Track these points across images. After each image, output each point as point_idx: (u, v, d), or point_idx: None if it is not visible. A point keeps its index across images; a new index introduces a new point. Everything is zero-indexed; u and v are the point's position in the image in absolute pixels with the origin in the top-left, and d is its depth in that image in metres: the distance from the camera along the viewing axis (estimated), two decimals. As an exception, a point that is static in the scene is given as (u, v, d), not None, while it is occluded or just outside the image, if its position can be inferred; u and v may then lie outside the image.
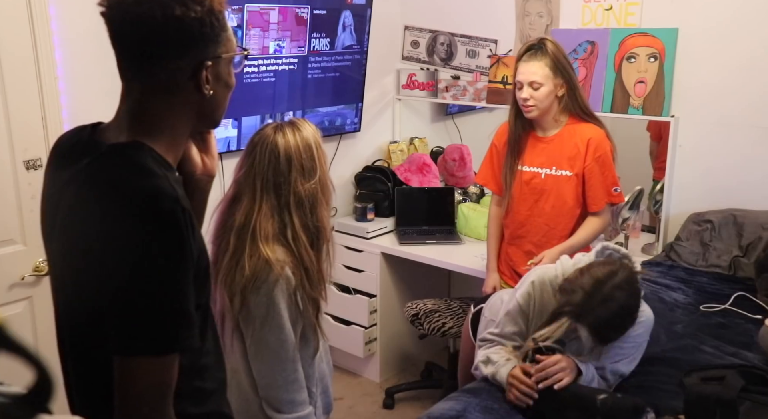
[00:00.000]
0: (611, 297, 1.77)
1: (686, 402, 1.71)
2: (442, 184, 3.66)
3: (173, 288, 1.01)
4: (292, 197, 1.65)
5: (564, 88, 2.37)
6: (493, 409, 1.80)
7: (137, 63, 1.07)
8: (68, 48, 2.39)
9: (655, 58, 2.88)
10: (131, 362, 1.00)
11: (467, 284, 3.57)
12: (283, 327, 1.63)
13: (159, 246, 0.99)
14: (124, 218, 1.00)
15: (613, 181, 2.44)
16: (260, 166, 1.67)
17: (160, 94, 1.08)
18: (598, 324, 1.78)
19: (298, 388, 1.66)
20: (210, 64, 1.08)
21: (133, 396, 1.01)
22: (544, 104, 2.37)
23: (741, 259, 2.65)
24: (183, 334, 1.02)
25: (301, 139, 1.68)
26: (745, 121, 2.77)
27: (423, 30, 3.69)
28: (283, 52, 3.07)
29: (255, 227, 1.64)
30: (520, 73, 2.37)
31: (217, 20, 1.06)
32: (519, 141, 2.48)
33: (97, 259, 1.00)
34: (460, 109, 4.05)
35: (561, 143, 2.43)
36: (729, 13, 2.74)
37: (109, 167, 1.06)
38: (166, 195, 1.01)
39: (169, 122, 1.11)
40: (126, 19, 1.03)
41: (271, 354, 1.64)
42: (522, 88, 2.37)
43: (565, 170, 2.43)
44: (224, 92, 1.16)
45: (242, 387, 1.69)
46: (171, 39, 1.03)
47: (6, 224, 2.29)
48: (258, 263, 1.61)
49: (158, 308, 1.00)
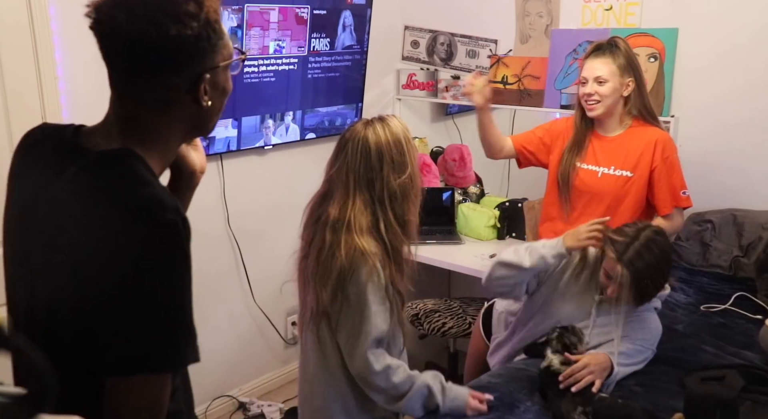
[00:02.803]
0: (653, 241, 1.88)
1: (686, 402, 1.71)
2: (442, 184, 3.66)
3: (180, 302, 0.96)
4: (385, 191, 1.70)
5: (631, 88, 2.34)
6: (493, 407, 1.80)
7: (131, 78, 1.02)
8: (68, 48, 2.39)
9: (655, 58, 2.88)
10: (131, 381, 0.94)
11: (467, 284, 3.57)
12: (371, 317, 1.67)
13: (163, 258, 0.94)
14: (125, 228, 0.94)
15: (681, 184, 2.38)
16: (352, 162, 1.71)
17: (156, 108, 1.04)
18: (640, 265, 1.84)
19: (392, 374, 1.71)
20: (208, 77, 1.04)
21: (127, 416, 0.95)
22: (608, 101, 2.33)
23: (741, 259, 2.65)
24: (190, 349, 0.98)
25: (390, 134, 1.71)
26: (745, 121, 2.77)
27: (423, 30, 3.69)
28: (283, 52, 3.07)
29: (350, 221, 1.68)
30: (586, 70, 2.35)
31: (213, 31, 1.01)
32: (583, 141, 2.44)
33: (94, 272, 0.94)
34: (460, 109, 4.05)
35: (624, 144, 2.39)
36: (729, 13, 2.74)
37: (103, 175, 1.00)
38: (167, 205, 0.96)
39: (164, 135, 1.06)
40: (118, 36, 0.97)
41: (360, 344, 1.68)
42: (586, 84, 2.34)
43: (625, 170, 2.37)
44: (221, 100, 1.11)
45: (335, 380, 1.75)
46: (167, 58, 0.98)
47: (6, 224, 2.29)
48: (354, 254, 1.65)
49: (170, 324, 0.95)
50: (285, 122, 3.23)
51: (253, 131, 3.10)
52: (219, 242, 3.13)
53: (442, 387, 1.76)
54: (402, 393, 1.72)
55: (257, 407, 3.23)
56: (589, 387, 1.79)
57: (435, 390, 1.73)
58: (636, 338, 2.00)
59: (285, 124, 3.23)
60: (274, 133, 3.19)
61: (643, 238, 1.87)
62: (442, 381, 1.78)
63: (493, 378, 1.98)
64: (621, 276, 1.84)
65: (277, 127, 3.20)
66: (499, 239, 3.37)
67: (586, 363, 1.81)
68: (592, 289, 2.03)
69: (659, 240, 1.90)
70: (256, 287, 3.29)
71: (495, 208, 3.41)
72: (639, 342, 2.01)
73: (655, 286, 1.92)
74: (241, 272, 3.23)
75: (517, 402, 1.83)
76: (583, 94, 2.36)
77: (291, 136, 3.26)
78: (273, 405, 3.23)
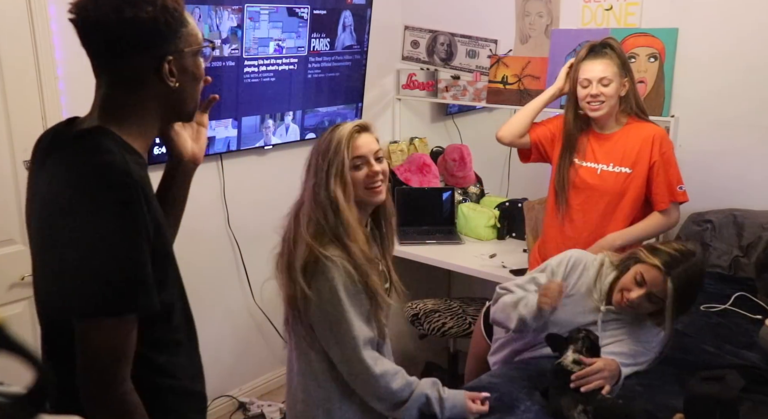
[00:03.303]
0: (698, 268, 1.91)
1: (686, 402, 1.71)
2: (442, 184, 3.66)
3: (128, 254, 1.09)
4: (323, 193, 1.67)
5: (627, 87, 2.37)
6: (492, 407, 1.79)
7: (103, 60, 1.17)
8: (68, 48, 2.39)
9: (655, 58, 2.88)
10: (90, 324, 1.08)
11: (467, 284, 3.57)
12: (350, 320, 1.66)
13: (111, 215, 1.07)
14: (81, 192, 1.09)
15: (678, 179, 2.41)
16: (309, 157, 1.75)
17: (126, 87, 1.17)
18: (684, 286, 1.85)
19: (390, 380, 1.70)
20: (172, 58, 1.16)
21: (89, 357, 1.09)
22: (611, 102, 2.36)
23: (741, 259, 2.65)
24: (139, 297, 1.10)
25: (326, 138, 1.70)
26: (745, 121, 2.77)
27: (423, 30, 3.69)
28: (283, 52, 3.07)
29: (300, 217, 1.70)
30: (588, 71, 2.35)
31: (172, 17, 1.14)
32: (574, 140, 2.46)
33: (59, 232, 1.09)
34: (460, 109, 4.05)
35: (622, 140, 2.40)
36: (729, 13, 2.74)
37: (73, 150, 1.15)
38: (115, 168, 1.09)
39: (136, 112, 1.19)
40: (87, 22, 1.13)
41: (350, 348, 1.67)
42: (589, 86, 2.35)
43: (624, 167, 2.39)
44: (192, 84, 1.23)
45: (318, 387, 1.75)
46: (127, 38, 1.12)
47: (6, 224, 2.30)
48: (311, 251, 1.65)
49: (115, 272, 1.08)
50: (285, 122, 3.23)
51: (253, 131, 3.10)
52: (219, 242, 3.13)
53: (439, 396, 1.72)
54: (401, 400, 1.69)
55: (257, 407, 3.23)
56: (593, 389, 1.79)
57: (433, 400, 1.71)
58: (638, 340, 2.00)
59: (285, 124, 3.23)
60: (274, 133, 3.19)
61: (695, 261, 1.90)
62: (440, 389, 1.75)
63: (493, 378, 1.98)
64: (663, 290, 1.85)
65: (277, 127, 3.20)
66: (499, 239, 3.38)
67: (601, 367, 1.81)
68: (593, 295, 2.03)
69: (702, 269, 1.95)
70: (256, 287, 3.29)
71: (495, 208, 3.41)
72: (641, 343, 2.01)
73: (681, 311, 1.94)
74: (241, 272, 3.23)
75: (517, 402, 1.82)
76: (586, 96, 2.37)
77: (291, 136, 3.26)
78: (273, 405, 3.23)
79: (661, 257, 1.89)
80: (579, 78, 2.38)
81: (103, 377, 1.09)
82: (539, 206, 2.91)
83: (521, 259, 3.05)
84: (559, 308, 1.94)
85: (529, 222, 3.04)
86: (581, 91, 2.38)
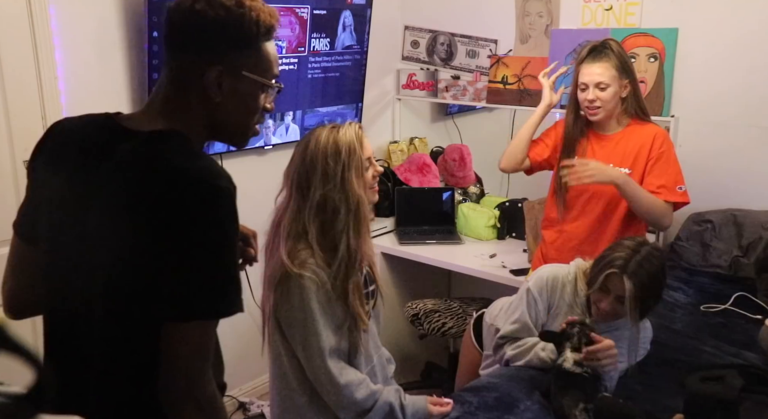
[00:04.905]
0: (653, 255, 1.87)
1: (686, 402, 1.71)
2: (442, 184, 3.66)
3: (231, 258, 1.09)
4: (314, 200, 1.65)
5: (627, 89, 2.35)
6: (491, 406, 1.80)
7: (166, 51, 1.15)
8: (68, 48, 2.39)
9: (655, 58, 2.88)
10: (194, 325, 1.06)
11: (467, 284, 3.57)
12: (318, 330, 1.65)
13: (221, 220, 1.07)
14: (189, 197, 1.05)
15: (678, 179, 2.35)
16: (293, 162, 1.71)
17: (177, 84, 1.14)
18: (644, 278, 1.83)
19: (354, 390, 1.70)
20: (222, 70, 1.11)
21: (182, 358, 1.06)
22: (609, 106, 2.34)
23: (741, 259, 2.65)
24: (238, 299, 1.10)
25: (332, 141, 1.65)
26: (745, 121, 2.77)
27: (423, 30, 3.69)
28: (283, 52, 3.07)
29: (281, 224, 1.68)
30: (585, 75, 2.33)
31: (242, 30, 1.10)
32: (575, 142, 2.44)
33: (154, 231, 1.04)
34: (460, 109, 4.05)
35: (623, 141, 2.39)
36: (729, 13, 2.75)
37: (160, 149, 1.09)
38: (223, 175, 1.09)
39: (187, 116, 1.15)
40: (168, 8, 1.13)
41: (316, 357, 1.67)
42: (587, 90, 2.34)
43: (623, 167, 2.37)
44: (240, 109, 1.17)
45: (291, 392, 1.75)
46: (188, 31, 1.11)
47: (6, 224, 2.29)
48: (287, 260, 1.63)
49: (230, 275, 1.08)
50: (285, 121, 3.23)
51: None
52: (219, 242, 3.12)
53: (401, 403, 1.74)
54: (364, 409, 1.70)
55: (257, 407, 3.23)
56: (592, 386, 1.79)
57: (396, 408, 1.73)
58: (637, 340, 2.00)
59: (285, 124, 3.23)
60: (274, 133, 3.19)
61: (647, 251, 1.87)
62: (402, 396, 1.77)
63: (493, 378, 1.98)
64: (626, 290, 1.83)
65: (277, 127, 3.20)
66: (499, 239, 3.38)
67: (612, 344, 1.81)
68: (575, 309, 2.02)
69: (658, 254, 1.91)
70: (256, 287, 3.27)
71: (495, 208, 3.41)
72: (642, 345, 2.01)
73: (654, 300, 1.92)
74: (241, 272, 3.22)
75: (516, 401, 1.82)
76: (584, 100, 2.36)
77: (291, 136, 3.26)
78: (273, 405, 3.24)
79: (615, 262, 1.87)
80: (578, 81, 2.38)
81: (196, 377, 1.08)
82: (539, 206, 2.91)
83: (521, 259, 3.05)
84: (549, 327, 1.96)
85: (529, 222, 3.04)
86: (580, 94, 2.38)
